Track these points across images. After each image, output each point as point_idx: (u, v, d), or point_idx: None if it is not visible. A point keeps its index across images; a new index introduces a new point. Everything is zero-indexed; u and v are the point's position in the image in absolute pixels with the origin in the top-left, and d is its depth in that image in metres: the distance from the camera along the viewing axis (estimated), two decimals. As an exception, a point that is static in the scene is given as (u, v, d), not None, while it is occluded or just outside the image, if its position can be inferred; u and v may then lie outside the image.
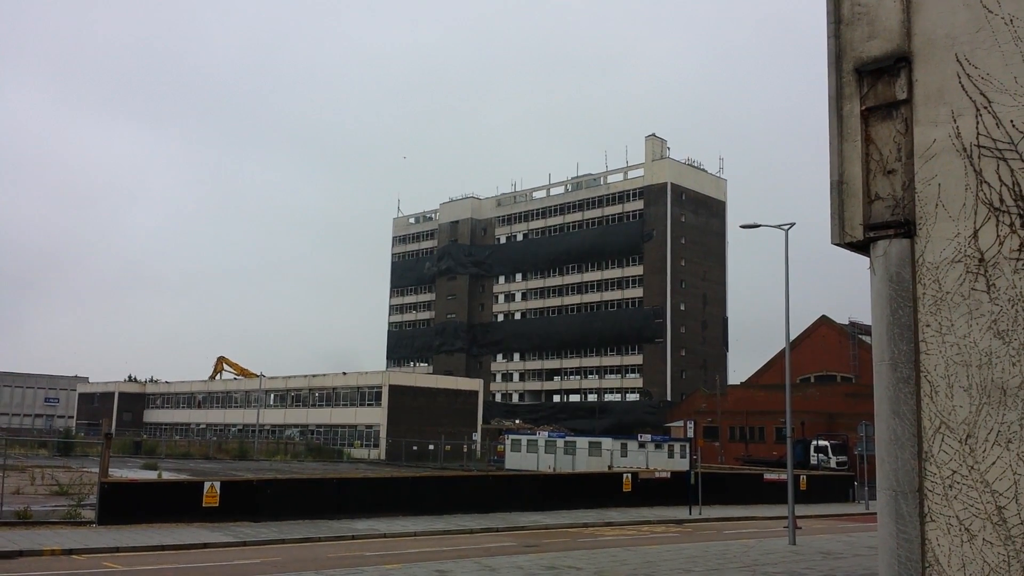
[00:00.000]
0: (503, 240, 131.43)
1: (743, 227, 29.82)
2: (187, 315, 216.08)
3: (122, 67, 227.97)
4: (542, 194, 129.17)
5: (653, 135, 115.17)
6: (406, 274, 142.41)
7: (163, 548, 19.97)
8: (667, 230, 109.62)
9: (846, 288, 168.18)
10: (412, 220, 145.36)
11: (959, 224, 7.67)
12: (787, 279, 27.15)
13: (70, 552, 18.80)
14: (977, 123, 7.67)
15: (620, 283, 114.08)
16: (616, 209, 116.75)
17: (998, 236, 7.46)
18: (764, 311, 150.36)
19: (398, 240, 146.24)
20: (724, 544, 24.14)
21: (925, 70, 7.96)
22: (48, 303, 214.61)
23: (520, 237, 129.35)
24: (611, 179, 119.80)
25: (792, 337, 33.93)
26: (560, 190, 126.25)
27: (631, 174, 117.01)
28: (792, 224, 27.82)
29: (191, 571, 16.85)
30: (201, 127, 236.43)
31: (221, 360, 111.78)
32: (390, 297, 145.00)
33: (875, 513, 8.17)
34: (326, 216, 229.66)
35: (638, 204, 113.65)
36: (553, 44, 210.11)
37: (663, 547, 22.97)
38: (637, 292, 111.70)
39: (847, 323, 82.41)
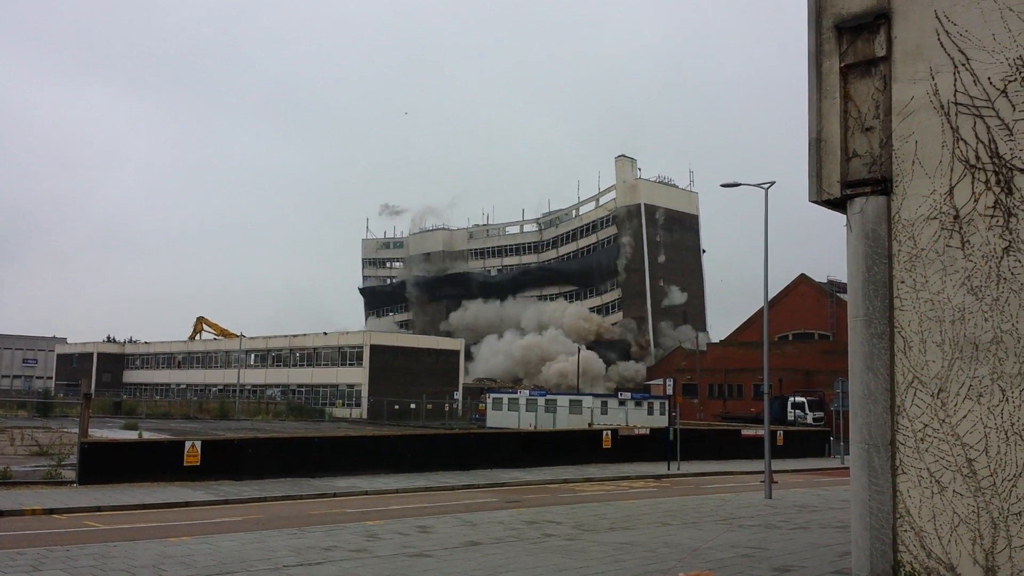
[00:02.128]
0: (477, 274, 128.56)
1: (723, 186, 29.86)
2: (165, 276, 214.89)
3: (97, 30, 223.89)
4: (515, 229, 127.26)
5: (623, 156, 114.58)
6: (379, 302, 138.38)
7: (144, 507, 20.02)
8: (644, 253, 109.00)
9: (826, 247, 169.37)
10: (382, 245, 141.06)
11: (935, 181, 7.73)
12: (766, 238, 27.29)
13: (51, 512, 18.82)
14: (955, 80, 7.69)
15: (600, 310, 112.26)
16: (590, 240, 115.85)
17: (973, 193, 7.53)
18: (744, 270, 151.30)
19: (368, 263, 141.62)
20: (701, 498, 24.51)
21: (904, 27, 7.95)
22: (25, 265, 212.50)
23: (494, 272, 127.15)
24: (583, 209, 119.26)
25: (771, 295, 34.21)
26: (532, 227, 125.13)
27: (603, 199, 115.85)
28: (772, 183, 27.92)
29: (173, 529, 16.93)
30: (177, 89, 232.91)
31: (200, 320, 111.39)
32: (365, 322, 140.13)
33: (850, 468, 8.33)
34: (304, 178, 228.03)
35: (612, 230, 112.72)
36: (526, 9, 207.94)
37: (642, 501, 23.29)
38: (617, 317, 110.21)
39: (826, 281, 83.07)
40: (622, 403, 58.89)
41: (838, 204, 8.20)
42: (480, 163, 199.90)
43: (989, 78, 7.34)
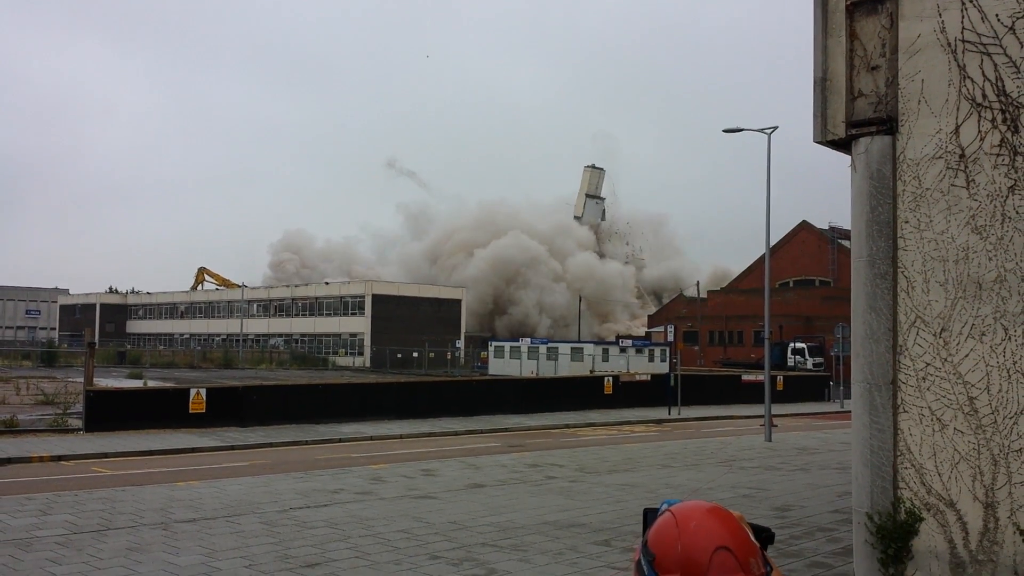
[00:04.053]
0: None
1: (726, 131, 29.59)
2: (165, 227, 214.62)
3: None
4: None
5: (591, 166, 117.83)
6: None
7: (151, 453, 20.25)
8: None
9: (827, 194, 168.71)
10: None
11: (941, 120, 7.65)
12: (768, 184, 27.14)
13: (59, 459, 19.05)
14: (962, 17, 7.57)
15: None
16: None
17: (979, 132, 7.46)
18: (745, 216, 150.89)
19: None
20: (702, 441, 24.76)
21: (912, -38, 7.79)
22: (24, 216, 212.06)
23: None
24: None
25: (772, 242, 34.13)
26: None
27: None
28: (775, 128, 27.67)
29: (180, 474, 17.14)
30: (172, 39, 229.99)
31: (202, 271, 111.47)
32: None
33: (849, 412, 8.39)
34: (302, 130, 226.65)
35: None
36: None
37: (643, 445, 23.53)
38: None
39: (827, 228, 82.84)
40: (623, 350, 59.20)
41: (843, 145, 8.13)
42: (472, 113, 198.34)
43: (997, 15, 7.22)
